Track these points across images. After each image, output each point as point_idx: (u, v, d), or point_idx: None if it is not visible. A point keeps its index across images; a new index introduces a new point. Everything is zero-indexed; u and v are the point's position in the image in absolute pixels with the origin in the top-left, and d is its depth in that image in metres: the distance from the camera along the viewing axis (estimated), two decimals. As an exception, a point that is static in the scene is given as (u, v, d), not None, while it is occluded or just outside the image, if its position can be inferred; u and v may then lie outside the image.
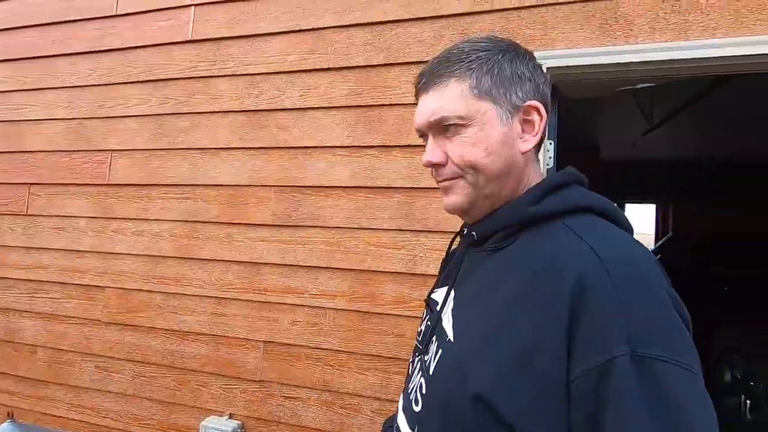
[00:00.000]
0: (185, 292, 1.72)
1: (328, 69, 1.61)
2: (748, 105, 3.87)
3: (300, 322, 1.58)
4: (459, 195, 0.61)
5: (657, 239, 7.41)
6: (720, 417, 0.44)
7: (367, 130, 1.55)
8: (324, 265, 1.57)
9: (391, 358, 1.47)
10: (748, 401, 2.92)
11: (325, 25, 1.61)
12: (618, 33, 1.33)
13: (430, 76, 0.61)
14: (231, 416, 1.62)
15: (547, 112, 0.61)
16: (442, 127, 0.60)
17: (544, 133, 0.62)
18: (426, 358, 0.61)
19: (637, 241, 0.54)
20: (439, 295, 0.68)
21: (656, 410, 0.42)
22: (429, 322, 0.67)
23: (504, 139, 0.59)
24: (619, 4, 1.33)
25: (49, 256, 1.94)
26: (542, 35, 1.38)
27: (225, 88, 1.72)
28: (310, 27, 1.63)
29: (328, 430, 1.52)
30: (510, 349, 0.49)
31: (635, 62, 1.30)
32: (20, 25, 2.06)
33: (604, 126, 4.95)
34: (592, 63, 1.33)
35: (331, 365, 1.53)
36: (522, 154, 0.61)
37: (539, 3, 1.40)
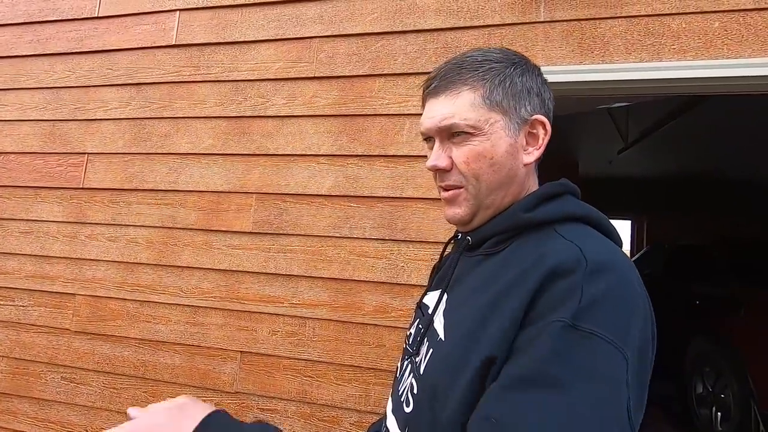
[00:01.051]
0: (160, 300, 1.68)
1: (313, 78, 1.61)
2: (719, 125, 4.06)
3: (279, 332, 1.55)
4: (462, 207, 0.62)
5: (632, 253, 7.61)
6: (694, 429, 0.44)
7: (351, 140, 1.56)
8: (305, 274, 1.55)
9: (371, 369, 1.45)
10: (719, 413, 2.99)
11: (312, 35, 1.63)
12: (595, 52, 1.38)
13: (441, 81, 0.62)
14: (204, 429, 1.57)
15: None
16: (450, 133, 0.61)
17: (546, 147, 0.64)
18: (417, 359, 0.62)
19: (623, 253, 0.55)
20: (430, 298, 0.69)
21: (557, 361, 0.44)
22: (420, 325, 0.68)
23: (510, 150, 0.60)
24: (596, 25, 1.38)
25: (17, 261, 1.86)
26: (523, 52, 1.42)
27: (208, 94, 1.70)
28: (297, 36, 1.64)
29: (306, 444, 1.48)
30: (493, 331, 0.50)
31: (611, 80, 1.35)
32: (-4, 23, 2.00)
33: (583, 143, 5.10)
34: (571, 80, 1.38)
35: (310, 376, 1.50)
36: (524, 165, 0.62)
37: (520, 21, 1.44)
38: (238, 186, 1.64)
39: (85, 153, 1.83)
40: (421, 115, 0.66)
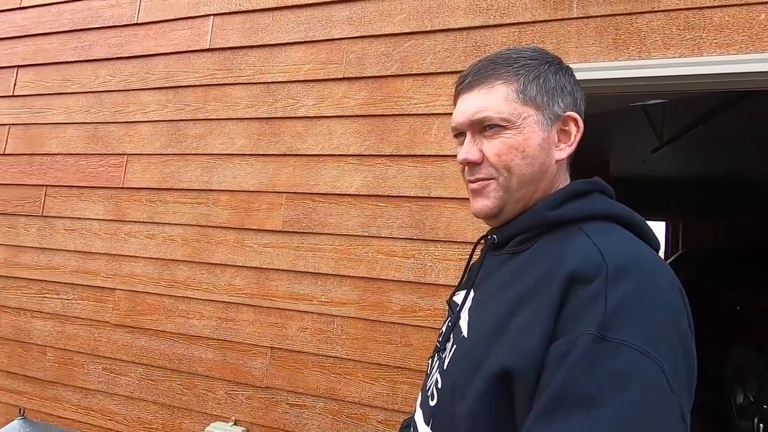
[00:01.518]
0: (195, 296, 1.73)
1: (343, 78, 1.63)
2: (760, 123, 3.86)
3: (308, 329, 1.58)
4: (490, 198, 0.62)
5: (667, 256, 7.32)
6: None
7: (379, 140, 1.57)
8: (333, 273, 1.57)
9: (398, 367, 1.46)
10: (761, 425, 2.84)
11: (341, 36, 1.65)
12: (632, 48, 1.34)
13: (475, 76, 0.62)
14: (236, 422, 1.62)
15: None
16: (482, 127, 0.61)
17: (578, 145, 0.63)
18: (443, 355, 0.64)
19: (651, 251, 0.53)
20: (459, 297, 0.70)
21: (591, 378, 0.42)
22: (449, 323, 0.68)
23: (542, 144, 0.60)
24: (633, 20, 1.34)
25: (62, 257, 1.96)
26: (555, 49, 1.39)
27: (241, 96, 1.75)
28: (326, 38, 1.66)
29: (332, 440, 1.50)
30: (516, 336, 0.50)
31: (648, 77, 1.31)
32: (43, 31, 2.12)
33: (615, 142, 4.95)
34: (605, 77, 1.34)
35: (337, 373, 1.52)
36: (555, 162, 0.62)
37: (552, 18, 1.42)
38: (268, 185, 1.68)
39: (124, 154, 1.91)
40: (450, 114, 0.67)
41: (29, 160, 2.08)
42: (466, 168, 0.64)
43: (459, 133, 0.65)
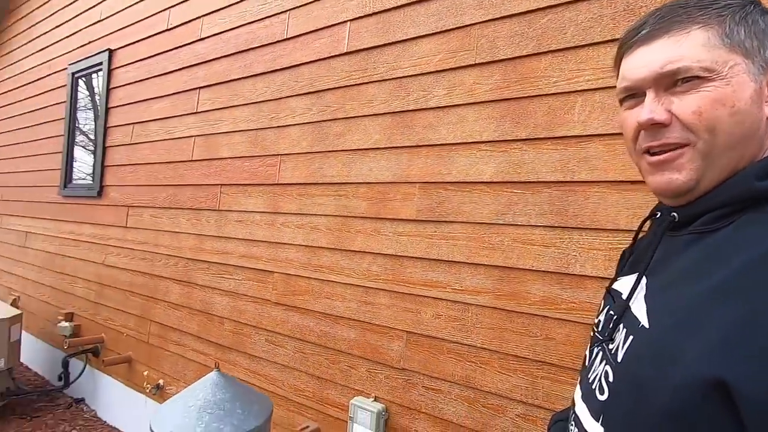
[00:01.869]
0: (337, 280, 1.90)
1: (474, 65, 1.61)
2: None
3: (442, 316, 1.60)
4: (683, 171, 0.52)
5: None
6: None
7: (514, 124, 1.50)
8: (467, 261, 1.57)
9: (538, 361, 1.39)
10: None
11: (471, 22, 1.62)
12: None
13: (658, 24, 0.53)
14: (376, 399, 1.73)
15: None
16: (673, 81, 0.52)
17: None
18: (611, 346, 0.57)
19: None
20: (623, 284, 0.63)
21: None
22: (612, 312, 0.62)
23: (754, 97, 0.50)
24: None
25: (233, 244, 2.34)
26: None
27: (375, 93, 1.85)
28: (456, 25, 1.66)
29: (469, 427, 1.51)
30: (730, 336, 0.42)
31: None
32: (216, 56, 2.54)
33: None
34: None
35: (473, 362, 1.52)
36: (766, 119, 0.51)
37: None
38: (402, 176, 1.75)
39: (278, 154, 2.19)
40: (597, 90, 0.59)
41: (208, 164, 2.52)
42: (642, 134, 0.54)
43: (631, 95, 0.56)
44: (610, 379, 0.55)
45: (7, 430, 2.86)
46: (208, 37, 2.58)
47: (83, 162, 3.60)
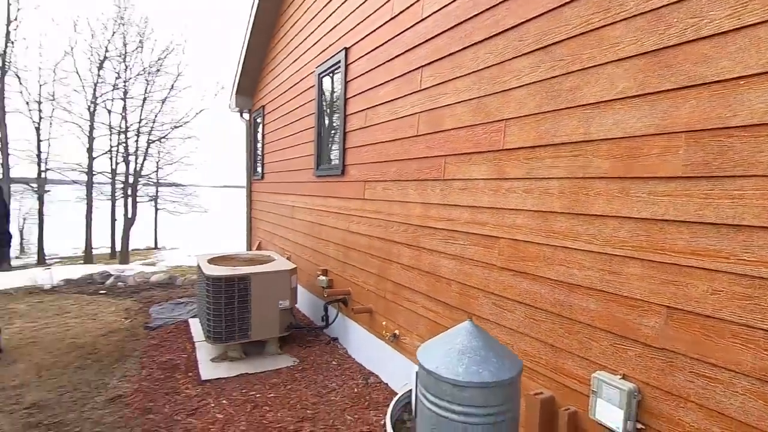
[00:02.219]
0: (573, 247, 1.78)
1: (780, -33, 1.21)
2: None
3: (721, 291, 1.32)
4: None
5: None
6: None
7: None
8: (761, 225, 1.23)
9: None
10: None
11: None
12: None
13: None
14: (624, 376, 1.57)
15: None
16: None
17: None
18: None
19: None
20: None
21: None
22: None
23: None
24: None
25: (458, 211, 2.46)
26: None
27: (621, 34, 1.61)
28: None
29: (762, 430, 1.21)
30: None
31: None
32: (436, 33, 2.65)
33: None
34: None
35: (772, 352, 1.21)
36: None
37: None
38: (660, 127, 1.49)
39: (503, 119, 2.16)
40: None
41: (432, 137, 2.69)
42: None
43: None
44: None
45: (291, 351, 3.83)
46: (429, 15, 2.71)
47: (330, 147, 4.37)
